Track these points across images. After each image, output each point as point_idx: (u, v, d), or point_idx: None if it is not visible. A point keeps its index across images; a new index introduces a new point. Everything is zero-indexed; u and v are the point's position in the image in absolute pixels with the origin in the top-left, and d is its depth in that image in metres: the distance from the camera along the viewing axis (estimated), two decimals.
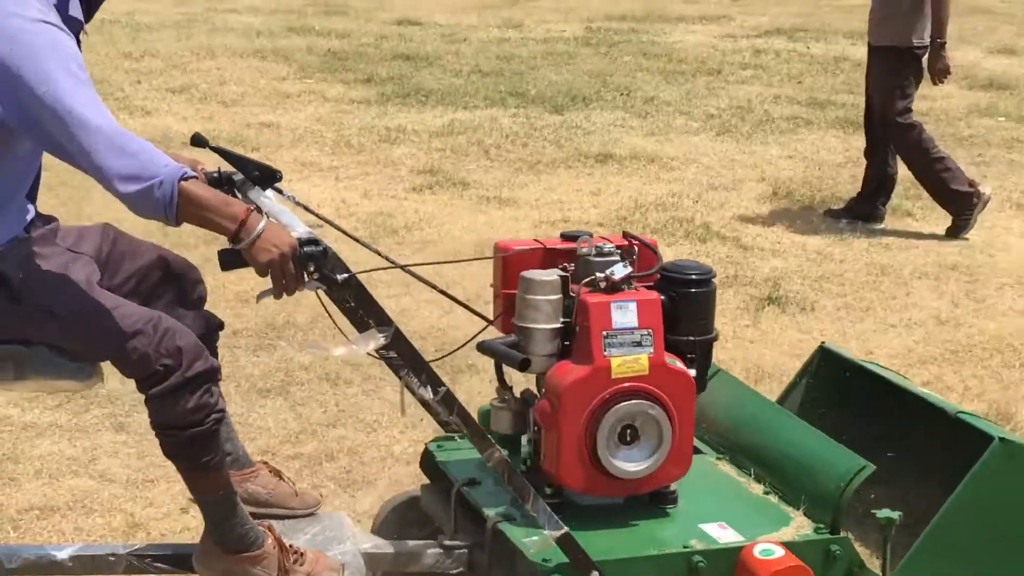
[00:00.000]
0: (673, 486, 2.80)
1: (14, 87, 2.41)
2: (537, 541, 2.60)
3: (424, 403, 2.55)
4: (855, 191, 6.88)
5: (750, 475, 3.00)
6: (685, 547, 2.67)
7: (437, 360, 2.75)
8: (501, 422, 2.83)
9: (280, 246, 2.42)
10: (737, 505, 2.89)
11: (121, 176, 2.38)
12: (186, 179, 2.41)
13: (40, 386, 2.68)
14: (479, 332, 2.79)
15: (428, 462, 3.05)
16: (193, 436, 2.57)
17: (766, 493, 2.93)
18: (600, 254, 2.74)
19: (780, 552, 2.65)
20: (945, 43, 6.49)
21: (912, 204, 7.00)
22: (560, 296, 2.70)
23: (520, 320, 2.72)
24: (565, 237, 2.86)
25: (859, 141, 7.15)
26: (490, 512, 2.74)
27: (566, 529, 2.57)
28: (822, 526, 2.78)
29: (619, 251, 2.77)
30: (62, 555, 2.71)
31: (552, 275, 2.72)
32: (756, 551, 2.65)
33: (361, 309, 2.48)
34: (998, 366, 4.82)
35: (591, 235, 2.80)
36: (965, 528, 2.88)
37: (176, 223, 2.44)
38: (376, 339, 2.46)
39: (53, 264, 2.60)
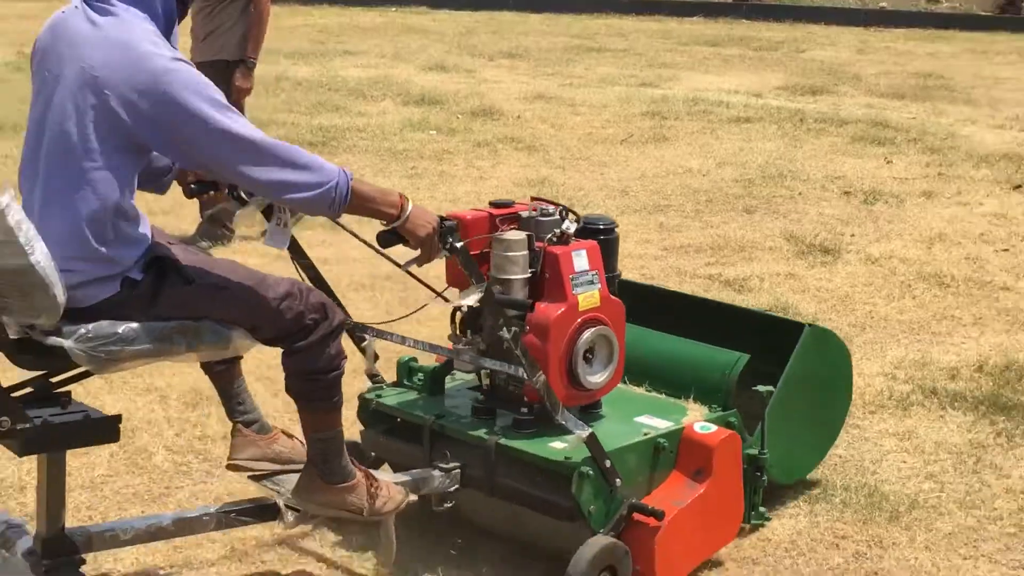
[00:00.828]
0: None
1: (172, 126, 2.68)
2: (559, 446, 3.26)
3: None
4: None
5: (626, 383, 3.68)
6: (646, 434, 3.40)
7: (408, 316, 3.43)
8: (463, 361, 3.40)
9: (431, 222, 2.94)
10: (643, 404, 3.63)
11: (300, 185, 2.75)
12: (351, 179, 2.81)
13: (209, 354, 2.99)
14: (439, 294, 3.40)
15: (365, 409, 3.63)
16: (335, 378, 3.02)
17: (650, 393, 3.74)
18: (544, 214, 3.41)
19: (713, 427, 3.46)
20: (255, 62, 6.77)
21: None
22: (527, 252, 3.30)
23: (499, 273, 3.29)
24: (496, 205, 3.46)
25: None
26: (478, 433, 3.36)
27: (591, 430, 3.18)
28: (716, 406, 3.61)
29: (557, 210, 3.43)
30: (166, 522, 3.10)
31: (521, 235, 3.33)
32: (696, 428, 3.44)
33: (468, 271, 3.08)
34: None
35: (514, 202, 3.48)
36: (795, 395, 3.74)
37: (339, 216, 2.88)
38: (477, 293, 3.08)
39: (180, 252, 2.94)
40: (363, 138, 8.83)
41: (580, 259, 3.35)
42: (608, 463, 3.21)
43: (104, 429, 2.88)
